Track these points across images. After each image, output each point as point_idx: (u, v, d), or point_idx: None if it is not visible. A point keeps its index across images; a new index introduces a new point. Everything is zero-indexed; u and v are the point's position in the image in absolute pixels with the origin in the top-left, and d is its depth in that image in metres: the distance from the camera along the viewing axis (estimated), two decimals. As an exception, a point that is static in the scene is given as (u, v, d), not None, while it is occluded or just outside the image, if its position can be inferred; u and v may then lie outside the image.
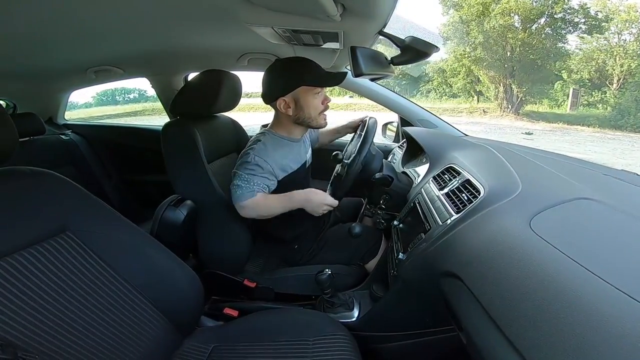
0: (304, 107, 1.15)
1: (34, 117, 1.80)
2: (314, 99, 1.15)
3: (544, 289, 0.44)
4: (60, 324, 0.66)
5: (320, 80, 1.14)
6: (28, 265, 0.65)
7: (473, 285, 0.58)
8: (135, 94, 16.52)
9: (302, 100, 1.14)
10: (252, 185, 1.11)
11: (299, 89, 1.12)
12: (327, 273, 1.05)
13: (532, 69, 11.37)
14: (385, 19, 0.92)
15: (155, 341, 0.81)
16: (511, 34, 11.09)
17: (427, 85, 13.89)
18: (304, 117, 1.16)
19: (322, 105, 1.17)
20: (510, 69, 11.62)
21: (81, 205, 0.78)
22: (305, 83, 1.12)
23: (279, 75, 1.15)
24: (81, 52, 1.44)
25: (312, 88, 1.13)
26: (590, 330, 0.36)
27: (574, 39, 11.07)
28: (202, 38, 1.31)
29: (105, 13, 0.94)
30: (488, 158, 1.02)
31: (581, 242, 0.51)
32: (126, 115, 12.99)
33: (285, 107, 1.14)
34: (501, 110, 12.11)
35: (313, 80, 1.12)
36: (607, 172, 0.90)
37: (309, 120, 1.17)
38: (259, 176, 1.12)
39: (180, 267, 0.90)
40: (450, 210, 0.80)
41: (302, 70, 1.13)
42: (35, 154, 1.85)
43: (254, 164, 1.11)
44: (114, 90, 14.30)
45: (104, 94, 14.53)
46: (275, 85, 1.15)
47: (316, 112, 1.16)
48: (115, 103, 14.13)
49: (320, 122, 1.20)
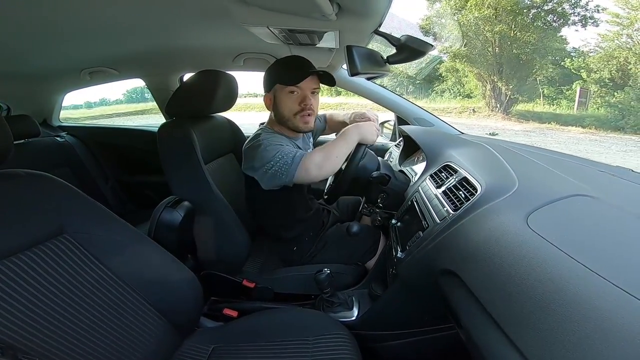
0: (278, 106, 1.15)
1: (28, 119, 1.79)
2: (287, 98, 1.13)
3: (542, 285, 0.44)
4: (60, 327, 0.66)
5: (286, 78, 1.11)
6: (26, 268, 0.65)
7: (471, 283, 0.59)
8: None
9: (277, 98, 1.15)
10: (287, 155, 1.05)
11: (276, 86, 1.13)
12: (326, 272, 1.05)
13: (518, 65, 10.83)
14: (381, 17, 0.92)
15: (155, 342, 0.81)
16: (488, 27, 10.40)
17: (441, 84, 13.47)
18: (280, 115, 1.16)
19: (298, 106, 1.13)
20: (495, 66, 11.03)
21: (78, 208, 0.78)
22: (278, 80, 1.13)
23: (267, 73, 1.18)
24: (75, 54, 1.43)
25: (286, 87, 1.12)
26: (588, 326, 0.37)
27: (593, 36, 10.57)
28: (198, 38, 1.31)
29: (99, 13, 0.93)
30: (484, 156, 1.03)
31: (578, 238, 0.51)
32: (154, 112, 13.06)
33: (268, 103, 1.17)
34: (489, 109, 11.59)
35: (282, 78, 1.12)
36: (603, 168, 0.91)
37: (285, 120, 1.16)
38: (284, 146, 1.09)
39: (178, 268, 0.90)
40: (448, 208, 0.81)
41: (280, 68, 1.14)
42: (31, 157, 1.83)
43: (269, 144, 1.08)
44: (143, 88, 14.34)
45: (133, 92, 14.59)
46: (263, 81, 1.18)
47: (290, 113, 1.14)
48: (145, 100, 14.16)
49: (298, 124, 1.15)
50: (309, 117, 1.15)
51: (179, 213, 1.11)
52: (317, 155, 1.06)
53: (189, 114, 1.32)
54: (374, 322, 1.08)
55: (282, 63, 1.16)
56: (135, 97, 14.44)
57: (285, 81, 1.11)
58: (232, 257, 1.25)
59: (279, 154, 1.05)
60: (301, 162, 1.04)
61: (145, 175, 2.24)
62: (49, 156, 1.95)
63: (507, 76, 11.08)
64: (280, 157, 1.05)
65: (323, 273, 1.05)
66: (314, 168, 1.04)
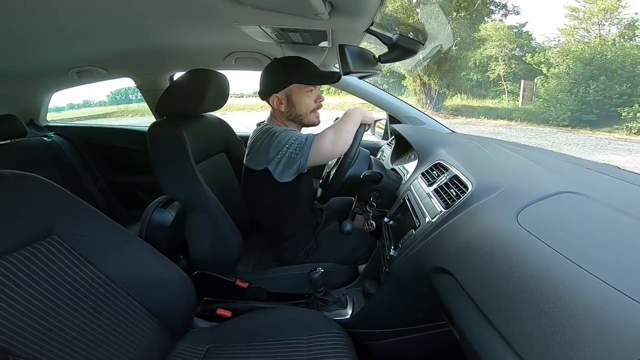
0: (296, 104, 1.18)
1: (14, 119, 1.75)
2: (306, 97, 1.18)
3: (533, 282, 0.45)
4: (50, 329, 0.65)
5: (313, 79, 1.17)
6: (15, 270, 0.63)
7: (463, 280, 0.59)
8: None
9: (294, 97, 1.17)
10: (300, 137, 1.09)
11: (292, 86, 1.16)
12: (320, 271, 1.06)
13: (444, 60, 10.75)
14: (373, 17, 0.92)
15: (148, 344, 0.80)
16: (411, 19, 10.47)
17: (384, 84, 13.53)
18: (296, 113, 1.19)
19: (314, 103, 1.20)
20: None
21: (67, 209, 0.76)
22: (298, 80, 1.15)
23: (274, 73, 1.19)
24: (62, 52, 1.40)
25: (305, 86, 1.16)
26: (580, 323, 0.37)
27: (552, 31, 10.80)
28: (188, 37, 1.29)
29: (86, 11, 0.92)
30: (475, 154, 1.04)
31: (568, 235, 0.52)
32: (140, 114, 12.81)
33: (278, 104, 1.17)
34: (420, 105, 11.47)
35: (305, 78, 1.16)
36: (590, 165, 0.93)
37: (300, 117, 1.20)
38: (295, 132, 1.13)
39: (170, 269, 0.89)
40: (440, 206, 0.81)
41: (296, 68, 1.16)
42: (17, 157, 1.79)
43: (284, 130, 1.11)
44: (127, 89, 14.04)
45: (117, 93, 14.33)
46: (269, 83, 1.19)
47: (308, 110, 1.19)
48: (129, 102, 13.85)
49: (312, 119, 1.23)
50: (319, 112, 1.24)
51: (170, 213, 1.10)
52: (329, 132, 1.09)
53: (179, 114, 1.31)
54: (368, 320, 1.08)
55: (298, 64, 1.18)
56: (119, 99, 14.24)
57: (313, 81, 1.17)
58: (224, 257, 1.24)
59: (293, 136, 1.09)
60: (315, 140, 1.07)
61: (135, 175, 2.21)
62: (36, 157, 1.91)
63: (432, 71, 11.13)
64: (294, 139, 1.08)
65: (317, 272, 1.05)
66: (328, 143, 1.07)
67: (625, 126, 8.74)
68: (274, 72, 1.19)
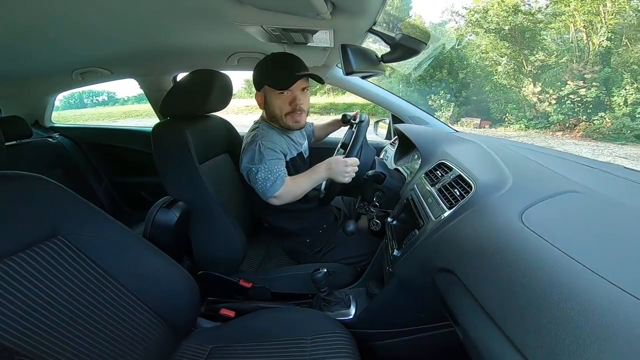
0: (269, 105, 1.16)
1: (20, 120, 1.77)
2: (277, 99, 1.15)
3: (537, 282, 0.45)
4: (56, 329, 0.65)
5: (276, 82, 1.12)
6: (20, 271, 0.64)
7: (467, 280, 0.59)
8: (104, 97, 16.16)
9: (267, 98, 1.16)
10: (276, 173, 1.11)
11: (265, 87, 1.15)
12: (323, 271, 1.06)
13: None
14: (375, 16, 0.92)
15: (153, 344, 0.80)
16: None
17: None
18: (271, 114, 1.18)
19: (288, 106, 1.15)
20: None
21: (72, 209, 0.77)
22: (267, 82, 1.14)
23: (256, 70, 1.18)
24: (66, 54, 1.41)
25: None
26: (584, 322, 0.37)
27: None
28: (191, 38, 1.30)
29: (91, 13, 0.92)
30: (478, 153, 1.03)
31: (572, 235, 0.52)
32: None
33: (260, 102, 1.18)
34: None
35: (271, 81, 1.13)
36: (595, 164, 0.92)
37: (276, 119, 1.18)
38: (275, 160, 1.12)
39: (174, 269, 0.90)
40: (443, 206, 0.81)
41: (269, 68, 1.14)
42: (23, 158, 1.81)
43: (265, 147, 1.12)
44: (81, 94, 13.93)
45: (71, 97, 14.14)
46: (254, 79, 1.19)
47: (282, 112, 1.16)
48: (84, 106, 13.74)
49: (289, 123, 1.18)
50: (299, 117, 1.17)
51: (174, 213, 1.10)
52: (294, 188, 1.14)
53: (183, 114, 1.32)
54: (372, 320, 1.08)
55: (271, 63, 1.15)
56: (73, 103, 14.11)
57: (274, 85, 1.13)
58: (228, 257, 1.24)
59: (270, 166, 1.11)
60: (282, 189, 1.12)
61: (139, 176, 2.23)
62: (41, 158, 1.93)
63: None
64: (269, 171, 1.11)
65: (320, 272, 1.05)
66: (286, 198, 1.14)
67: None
68: (257, 69, 1.18)
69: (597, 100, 8.32)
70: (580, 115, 8.52)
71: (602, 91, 8.28)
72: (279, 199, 1.13)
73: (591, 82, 8.30)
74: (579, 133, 8.48)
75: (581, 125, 8.46)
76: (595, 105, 8.35)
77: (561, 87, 8.72)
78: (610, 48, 8.39)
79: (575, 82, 8.47)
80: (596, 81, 8.29)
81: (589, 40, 8.63)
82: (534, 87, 9.15)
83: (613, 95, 8.13)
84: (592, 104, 8.35)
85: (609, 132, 8.06)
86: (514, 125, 9.36)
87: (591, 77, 8.35)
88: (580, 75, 8.52)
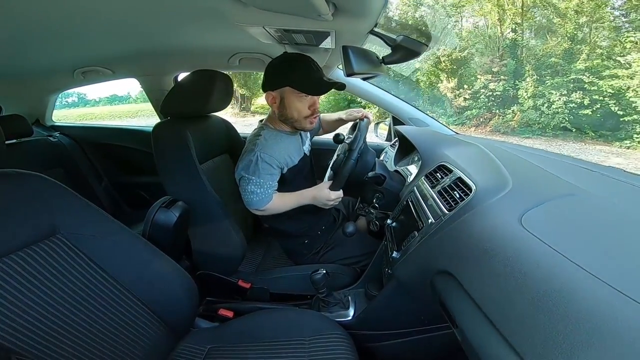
0: (287, 107, 1.14)
1: (20, 118, 1.77)
2: (298, 102, 1.13)
3: (536, 285, 0.45)
4: (54, 327, 0.65)
5: (305, 87, 1.10)
6: (19, 269, 0.64)
7: (466, 282, 0.59)
8: (74, 98, 15.91)
9: (287, 100, 1.13)
10: (266, 189, 1.14)
11: (285, 88, 1.11)
12: (322, 272, 1.05)
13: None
14: (377, 18, 0.92)
15: (150, 343, 0.80)
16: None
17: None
18: (287, 116, 1.16)
19: (308, 110, 1.15)
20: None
21: (71, 208, 0.77)
22: (291, 84, 1.10)
23: (273, 69, 1.14)
24: (68, 53, 1.41)
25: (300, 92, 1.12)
26: (583, 325, 0.37)
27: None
28: (193, 38, 1.30)
29: (92, 12, 0.92)
30: (478, 156, 1.03)
31: (572, 238, 0.52)
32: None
33: (272, 102, 1.15)
34: (232, 108, 12.46)
35: (297, 84, 1.10)
36: (595, 168, 0.92)
37: (292, 121, 1.17)
38: (268, 175, 1.13)
39: (173, 269, 0.90)
40: (443, 208, 0.81)
41: (294, 70, 1.10)
42: (23, 157, 1.81)
43: (262, 161, 1.12)
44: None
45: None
46: (268, 78, 1.14)
47: (300, 116, 1.15)
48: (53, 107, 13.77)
49: (305, 125, 1.18)
50: (314, 119, 1.18)
51: (174, 213, 1.10)
52: (279, 205, 1.19)
53: (183, 114, 1.32)
54: (370, 321, 1.08)
55: (296, 66, 1.10)
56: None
57: (302, 88, 1.10)
58: (227, 258, 1.24)
59: (262, 180, 1.14)
60: (268, 204, 1.16)
61: (139, 175, 2.23)
62: (41, 156, 1.93)
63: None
64: (260, 185, 1.14)
65: (319, 273, 1.05)
66: (270, 212, 1.19)
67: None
68: (274, 68, 1.14)
69: (506, 95, 8.35)
70: (495, 109, 8.53)
71: (510, 84, 8.28)
72: (262, 211, 1.19)
73: (499, 76, 8.32)
74: (489, 128, 8.48)
75: (493, 120, 8.47)
76: (506, 99, 8.36)
77: (474, 81, 8.72)
78: (515, 40, 8.41)
79: (484, 76, 8.48)
80: (504, 74, 8.30)
81: (501, 33, 8.66)
82: (448, 83, 9.11)
83: (519, 88, 8.15)
84: (502, 97, 8.36)
85: (519, 126, 8.08)
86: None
87: (498, 70, 8.37)
88: (489, 68, 8.55)
